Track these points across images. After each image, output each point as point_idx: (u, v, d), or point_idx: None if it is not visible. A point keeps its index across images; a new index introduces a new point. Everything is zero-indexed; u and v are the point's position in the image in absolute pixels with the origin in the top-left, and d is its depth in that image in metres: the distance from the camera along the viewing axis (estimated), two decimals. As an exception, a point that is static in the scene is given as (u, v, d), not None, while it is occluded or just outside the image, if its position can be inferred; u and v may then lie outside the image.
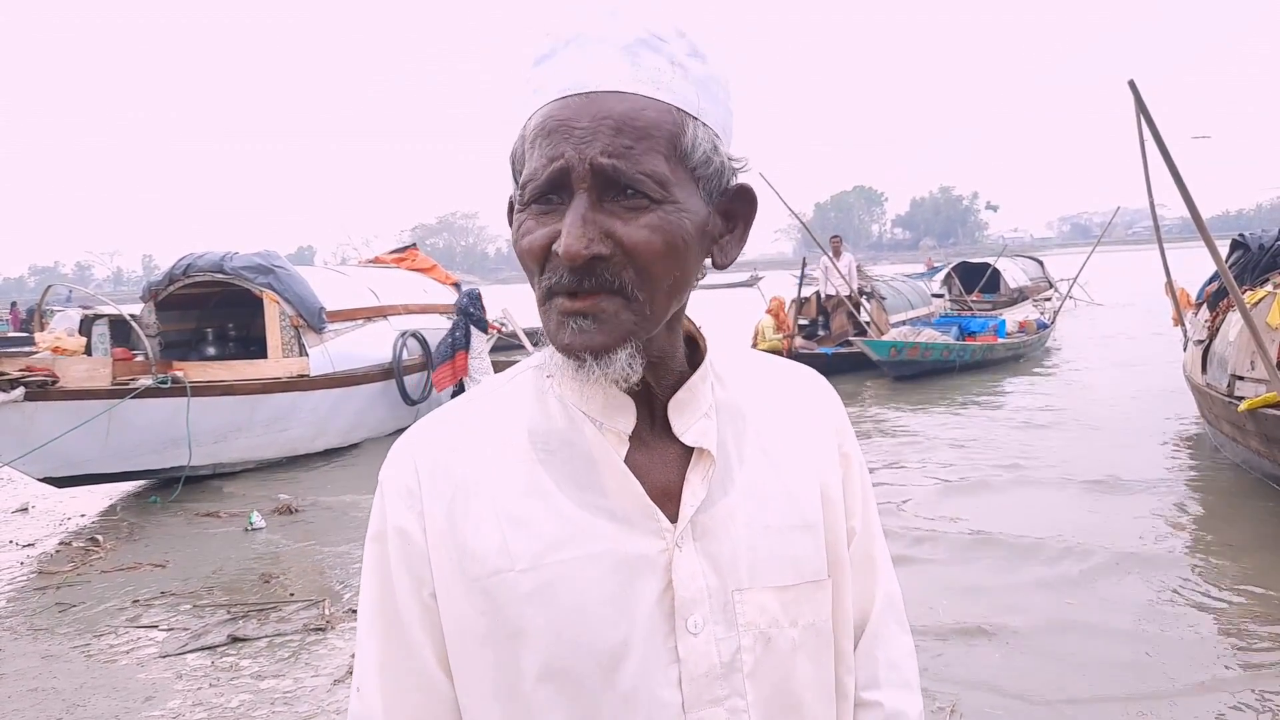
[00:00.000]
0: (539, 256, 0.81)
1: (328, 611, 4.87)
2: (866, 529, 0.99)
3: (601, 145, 0.78)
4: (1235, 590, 4.76)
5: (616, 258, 0.79)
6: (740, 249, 0.91)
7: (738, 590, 0.86)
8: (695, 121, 0.82)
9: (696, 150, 0.82)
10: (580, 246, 0.77)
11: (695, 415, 0.89)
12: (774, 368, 1.01)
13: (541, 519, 0.85)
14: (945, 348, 12.88)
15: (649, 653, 0.84)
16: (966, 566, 5.28)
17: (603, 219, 0.79)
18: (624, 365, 0.81)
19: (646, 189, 0.79)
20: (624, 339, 0.81)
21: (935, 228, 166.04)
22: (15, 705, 3.97)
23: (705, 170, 0.84)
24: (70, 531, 7.03)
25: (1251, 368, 6.38)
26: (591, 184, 0.79)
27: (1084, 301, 24.22)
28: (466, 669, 0.86)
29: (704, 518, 0.87)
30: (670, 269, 0.81)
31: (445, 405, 0.96)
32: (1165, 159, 5.46)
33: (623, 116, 0.79)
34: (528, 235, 0.82)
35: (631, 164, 0.78)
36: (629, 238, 0.79)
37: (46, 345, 8.19)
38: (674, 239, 0.81)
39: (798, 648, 0.89)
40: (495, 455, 0.89)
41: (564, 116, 0.80)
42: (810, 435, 0.96)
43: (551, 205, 0.81)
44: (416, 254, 13.06)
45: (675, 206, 0.81)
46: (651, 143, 0.80)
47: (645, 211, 0.80)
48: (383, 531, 0.89)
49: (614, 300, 0.80)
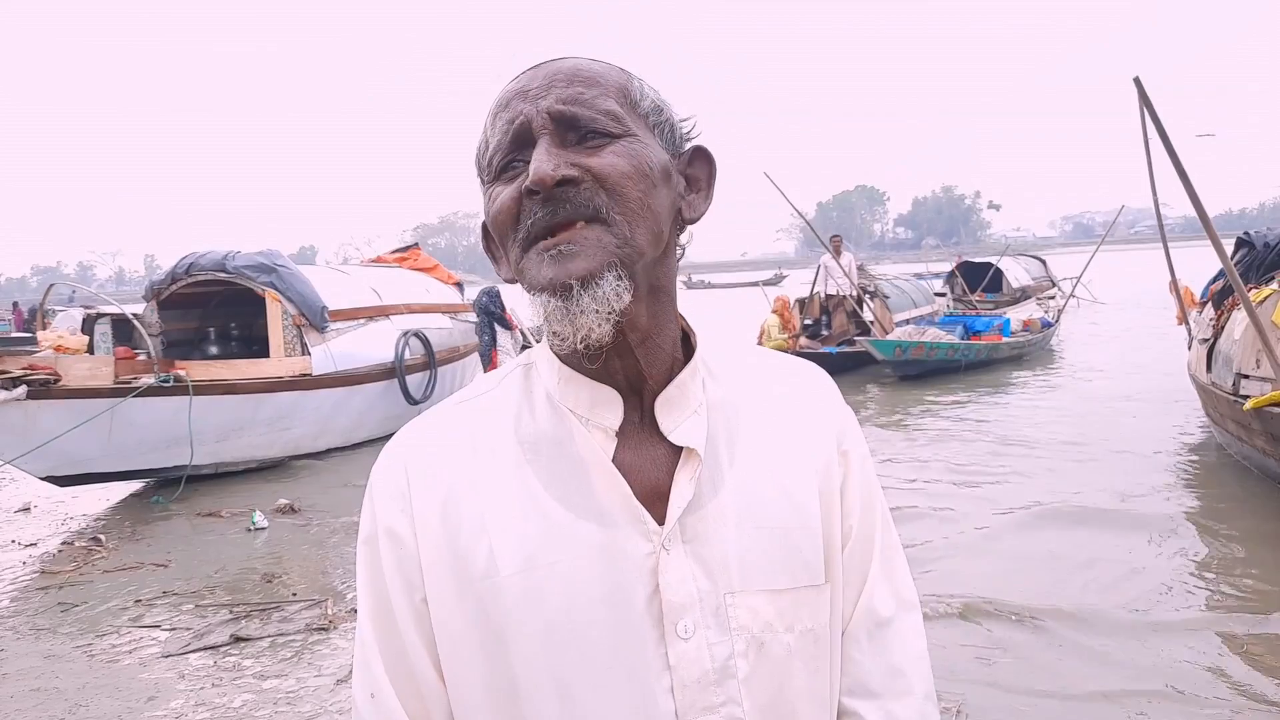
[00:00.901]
0: (513, 210, 0.82)
1: (330, 611, 4.85)
2: (869, 529, 0.95)
3: (556, 95, 0.82)
4: (1238, 590, 4.74)
5: (586, 183, 0.80)
6: (708, 205, 0.92)
7: (729, 594, 0.84)
8: (639, 80, 0.88)
9: (644, 99, 0.87)
10: (549, 168, 0.78)
11: (684, 413, 0.88)
12: (772, 364, 0.99)
13: (529, 522, 0.84)
14: (950, 347, 12.86)
15: (639, 659, 0.82)
16: (967, 567, 5.26)
17: (568, 154, 0.81)
18: (611, 289, 0.79)
19: (604, 126, 0.82)
20: (608, 262, 0.80)
21: (938, 227, 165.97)
22: (18, 705, 3.96)
23: (658, 118, 0.88)
24: (72, 531, 7.02)
25: (1257, 366, 6.36)
26: (552, 129, 0.81)
27: (1087, 300, 24.20)
28: (458, 674, 0.85)
29: (693, 519, 0.85)
30: (641, 191, 0.82)
31: (434, 407, 0.95)
32: (1170, 156, 5.44)
33: (572, 70, 0.84)
34: (499, 197, 0.83)
35: (586, 106, 0.82)
36: (597, 164, 0.81)
37: (49, 344, 8.19)
38: (639, 163, 0.82)
39: (793, 654, 0.86)
40: (484, 458, 0.88)
41: (517, 86, 0.85)
42: (809, 433, 0.93)
43: (517, 171, 0.83)
44: (419, 253, 13.06)
45: (635, 139, 0.84)
46: (602, 88, 0.84)
47: (608, 144, 0.82)
48: (374, 534, 0.88)
49: (593, 227, 0.80)
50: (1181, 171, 5.41)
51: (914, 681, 0.95)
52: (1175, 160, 5.42)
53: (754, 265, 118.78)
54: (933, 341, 12.83)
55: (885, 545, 0.96)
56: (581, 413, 0.86)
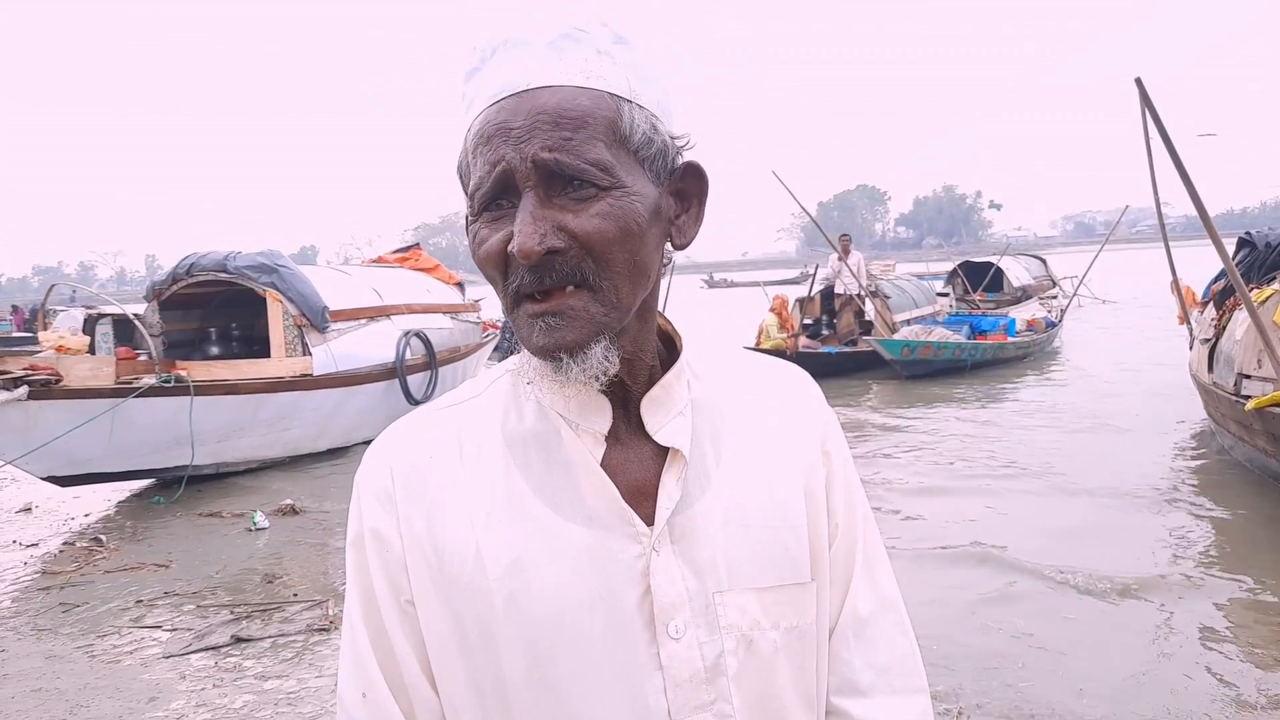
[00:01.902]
0: (498, 262, 0.80)
1: (331, 612, 4.85)
2: (851, 528, 0.96)
3: (541, 141, 0.77)
4: (1241, 590, 4.74)
5: (572, 250, 0.78)
6: (698, 228, 0.90)
7: (718, 592, 0.85)
8: (630, 105, 0.82)
9: (635, 133, 0.82)
10: (534, 243, 0.76)
11: (669, 414, 0.88)
12: (755, 365, 0.99)
13: (516, 525, 0.84)
14: (957, 347, 12.86)
15: (631, 660, 0.82)
16: (970, 564, 5.25)
17: (553, 214, 0.78)
18: (600, 359, 0.80)
19: (592, 177, 0.78)
20: (596, 332, 0.80)
21: (939, 226, 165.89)
22: (19, 706, 3.97)
23: (648, 151, 0.83)
24: (74, 531, 7.02)
25: (1259, 366, 6.35)
26: (536, 181, 0.78)
27: (1089, 300, 24.18)
28: (446, 677, 0.85)
29: (681, 519, 0.85)
30: (628, 254, 0.80)
31: (420, 409, 0.95)
32: (1171, 155, 5.44)
33: (557, 109, 0.78)
34: (483, 244, 0.81)
35: (573, 155, 0.78)
36: (581, 228, 0.78)
37: (50, 344, 8.19)
38: (626, 223, 0.80)
39: (778, 650, 0.87)
40: (471, 460, 0.88)
41: (500, 120, 0.79)
42: (792, 433, 0.94)
43: (502, 210, 0.80)
44: (420, 254, 13.06)
45: (623, 191, 0.80)
46: (590, 131, 0.79)
47: (594, 200, 0.79)
48: (360, 536, 0.88)
49: (580, 295, 0.79)
50: (1183, 171, 5.41)
51: (904, 678, 0.95)
52: (1176, 160, 5.42)
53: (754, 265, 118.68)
54: (940, 341, 12.83)
55: (868, 544, 0.97)
56: (570, 417, 0.86)
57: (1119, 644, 4.13)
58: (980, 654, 4.10)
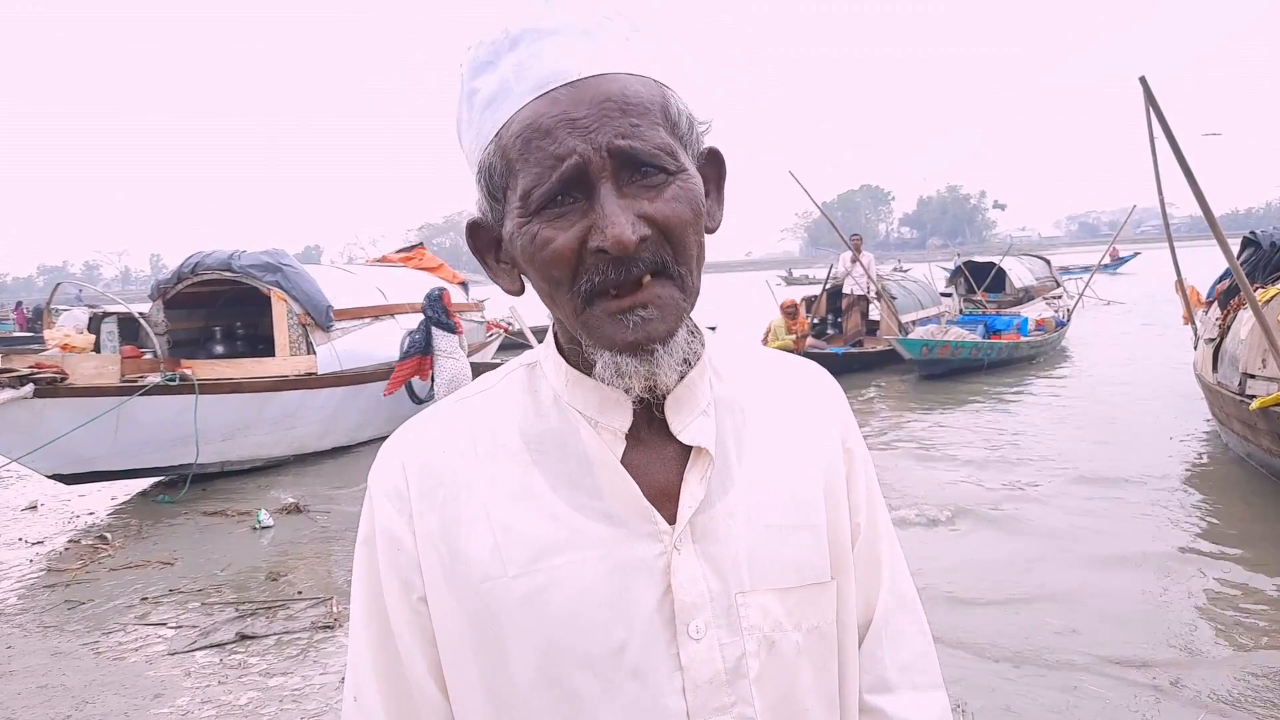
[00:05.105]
0: (571, 262, 0.77)
1: (335, 609, 4.87)
2: (873, 526, 0.95)
3: (614, 129, 0.76)
4: (1244, 589, 4.73)
5: (653, 238, 0.77)
6: (721, 213, 0.90)
7: (740, 593, 0.83)
8: (669, 89, 0.82)
9: (681, 118, 0.82)
10: (629, 234, 0.74)
11: (693, 413, 0.86)
12: (775, 363, 0.98)
13: (534, 523, 0.82)
14: (974, 346, 12.84)
15: (650, 660, 0.80)
16: (970, 567, 5.25)
17: (633, 203, 0.76)
18: (684, 343, 0.80)
19: (663, 163, 0.78)
20: (680, 318, 0.80)
21: (943, 227, 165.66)
22: (25, 702, 3.98)
23: (690, 136, 0.83)
24: (79, 529, 7.05)
25: (1263, 366, 6.34)
26: (612, 171, 0.76)
27: (1092, 300, 24.13)
28: (458, 678, 0.84)
29: (703, 519, 0.84)
30: (698, 237, 0.81)
31: (434, 404, 0.93)
32: (1176, 155, 5.43)
33: (620, 97, 0.77)
34: (550, 244, 0.77)
35: (644, 141, 0.76)
36: (661, 214, 0.77)
37: (55, 342, 8.22)
38: (695, 205, 0.80)
39: (801, 652, 0.86)
40: (487, 456, 0.86)
41: (558, 112, 0.76)
42: (813, 431, 0.93)
43: (564, 206, 0.77)
44: (424, 253, 13.10)
45: (687, 175, 0.80)
46: (652, 116, 0.78)
47: (665, 185, 0.78)
48: (371, 535, 0.87)
49: (664, 284, 0.78)
50: (1187, 171, 5.40)
51: (924, 675, 0.96)
52: (1181, 159, 5.40)
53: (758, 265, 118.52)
54: (957, 341, 12.82)
55: (889, 543, 0.97)
56: (590, 414, 0.84)
57: (1121, 640, 4.13)
58: (981, 652, 4.10)
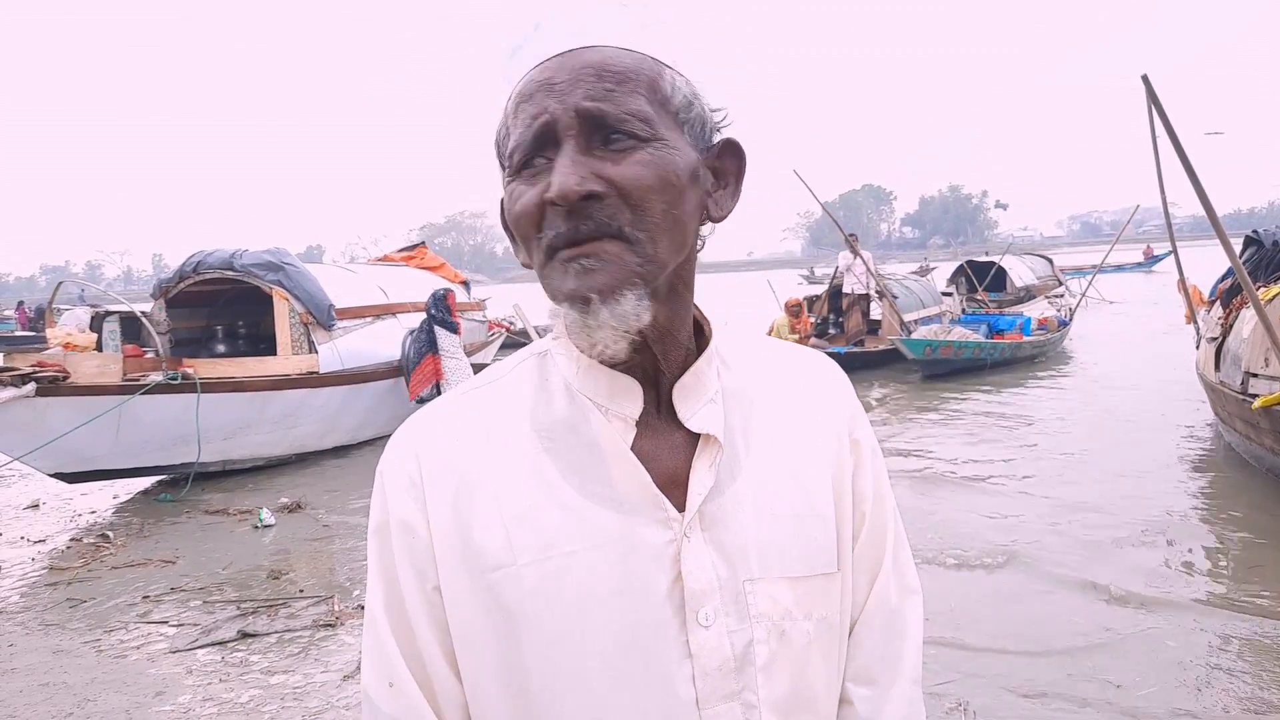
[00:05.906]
0: (534, 216, 0.79)
1: (337, 608, 4.87)
2: (880, 517, 0.96)
3: (584, 91, 0.78)
4: (1246, 589, 4.72)
5: (611, 198, 0.77)
6: (735, 203, 0.90)
7: (749, 580, 0.84)
8: (670, 69, 0.83)
9: (676, 94, 0.83)
10: (573, 183, 0.76)
11: (701, 400, 0.87)
12: (783, 353, 0.99)
13: (545, 511, 0.83)
14: (978, 346, 12.83)
15: (659, 647, 0.81)
16: (972, 564, 5.25)
17: (593, 162, 0.78)
18: (632, 308, 0.78)
19: (632, 128, 0.78)
20: (629, 279, 0.78)
21: (944, 226, 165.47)
22: (27, 700, 3.99)
23: (688, 114, 0.84)
24: (81, 527, 7.05)
25: (1265, 365, 6.33)
26: (578, 130, 0.78)
27: (1095, 300, 24.12)
28: (472, 665, 0.84)
29: (712, 506, 0.84)
30: (665, 204, 0.80)
31: (445, 395, 0.94)
32: (1179, 154, 5.42)
33: (601, 63, 0.79)
34: (520, 199, 0.80)
35: (615, 105, 0.78)
36: (620, 175, 0.78)
37: (58, 341, 8.22)
38: (665, 173, 0.79)
39: (812, 641, 0.87)
40: (498, 445, 0.86)
41: (543, 77, 0.80)
42: (820, 422, 0.93)
43: (540, 167, 0.80)
44: (425, 252, 13.10)
45: (663, 144, 0.80)
46: (633, 84, 0.79)
47: (634, 150, 0.79)
48: (385, 523, 0.87)
49: (615, 243, 0.78)
50: (1190, 170, 5.39)
51: (904, 666, 0.96)
52: (1184, 158, 5.39)
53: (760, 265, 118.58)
54: (961, 340, 12.81)
55: (896, 534, 0.98)
56: (601, 402, 0.85)
57: (1122, 640, 4.13)
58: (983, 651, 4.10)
